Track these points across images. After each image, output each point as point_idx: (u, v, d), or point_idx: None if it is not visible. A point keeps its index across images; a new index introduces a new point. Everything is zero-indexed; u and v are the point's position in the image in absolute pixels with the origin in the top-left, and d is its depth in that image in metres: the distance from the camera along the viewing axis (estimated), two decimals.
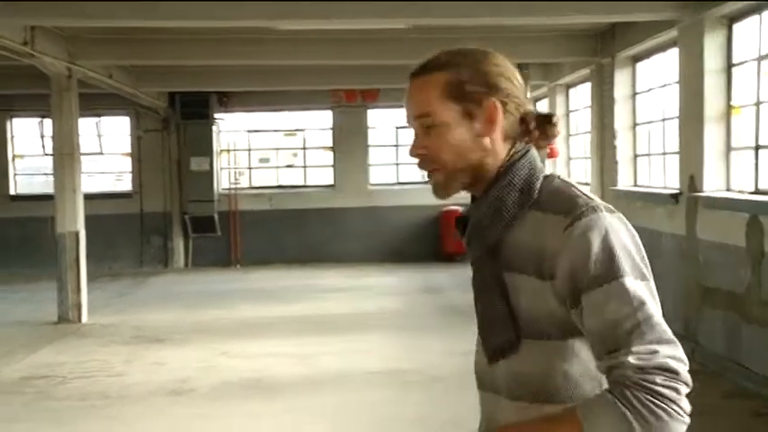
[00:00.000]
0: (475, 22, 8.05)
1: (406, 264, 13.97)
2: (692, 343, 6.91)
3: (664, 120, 8.33)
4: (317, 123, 15.19)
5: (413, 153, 1.67)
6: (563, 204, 1.55)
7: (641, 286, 1.48)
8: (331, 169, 15.10)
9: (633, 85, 9.15)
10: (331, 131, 15.05)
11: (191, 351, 8.02)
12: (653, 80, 8.65)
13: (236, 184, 14.88)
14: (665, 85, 8.28)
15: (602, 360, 1.47)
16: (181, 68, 11.19)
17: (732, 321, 6.33)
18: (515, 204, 1.59)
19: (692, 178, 7.05)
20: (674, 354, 1.44)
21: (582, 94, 11.33)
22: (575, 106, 11.91)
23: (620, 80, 9.10)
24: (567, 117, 11.97)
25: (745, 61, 6.71)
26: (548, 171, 1.65)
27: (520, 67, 8.44)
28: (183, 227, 14.54)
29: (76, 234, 9.60)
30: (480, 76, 1.61)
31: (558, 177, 1.64)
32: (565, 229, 1.51)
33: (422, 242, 14.59)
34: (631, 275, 1.47)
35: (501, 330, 1.60)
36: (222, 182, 14.90)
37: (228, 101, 14.44)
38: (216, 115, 14.39)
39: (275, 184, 15.24)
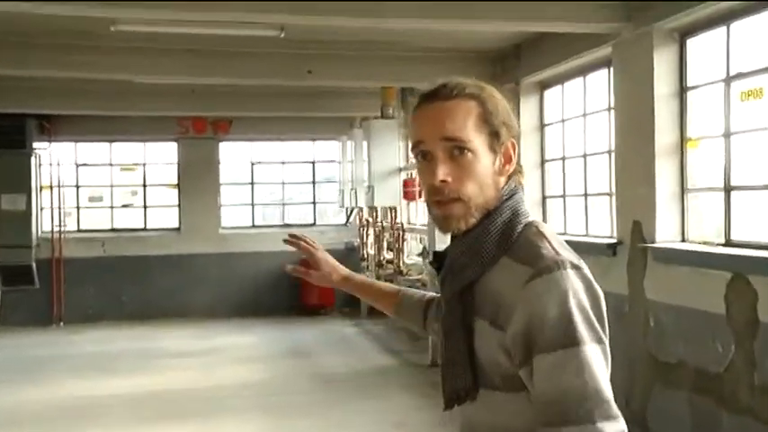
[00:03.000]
0: (358, 25, 6.45)
1: (265, 318, 12.18)
2: (640, 428, 5.61)
3: (585, 155, 7.06)
4: (160, 157, 13.19)
5: (437, 180, 1.56)
6: (530, 255, 1.50)
7: (597, 352, 1.41)
8: (176, 210, 13.09)
9: (541, 116, 7.86)
10: (176, 166, 13.07)
11: None
12: (569, 109, 7.39)
13: (60, 226, 12.53)
14: (585, 114, 7.05)
15: (546, 428, 1.40)
16: None
17: (705, 407, 5.01)
18: (493, 248, 1.55)
19: (636, 225, 5.76)
20: None
21: None
22: None
23: (527, 109, 7.79)
24: None
25: (700, 84, 5.53)
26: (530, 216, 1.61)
27: (403, 91, 6.92)
28: None
29: None
30: (501, 113, 1.59)
31: (537, 225, 1.58)
32: (526, 283, 1.46)
33: (281, 293, 12.80)
34: (588, 342, 1.40)
35: (460, 375, 1.55)
36: (43, 224, 12.55)
37: (52, 128, 12.19)
38: (35, 144, 12.08)
39: (109, 226, 13.03)
